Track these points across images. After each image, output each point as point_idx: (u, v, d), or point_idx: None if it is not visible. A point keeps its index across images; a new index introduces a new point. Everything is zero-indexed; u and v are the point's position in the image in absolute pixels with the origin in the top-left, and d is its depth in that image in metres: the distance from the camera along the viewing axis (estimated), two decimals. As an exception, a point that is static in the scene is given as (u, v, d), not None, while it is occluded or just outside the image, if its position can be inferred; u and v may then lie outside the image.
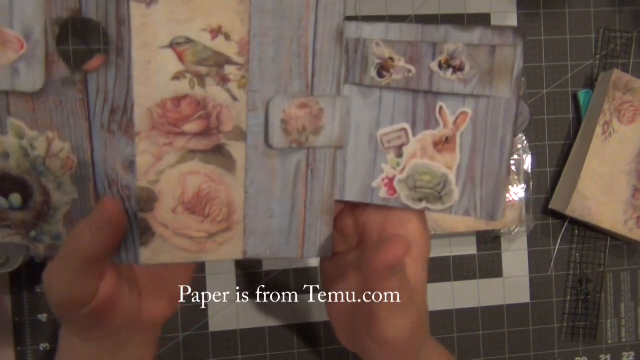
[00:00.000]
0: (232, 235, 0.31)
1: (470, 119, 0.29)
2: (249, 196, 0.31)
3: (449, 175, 0.30)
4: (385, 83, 0.29)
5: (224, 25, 0.28)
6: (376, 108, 0.30)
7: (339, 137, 0.30)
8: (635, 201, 0.59)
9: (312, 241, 0.32)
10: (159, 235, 0.30)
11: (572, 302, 0.61)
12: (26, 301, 0.53)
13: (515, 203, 0.58)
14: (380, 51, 0.29)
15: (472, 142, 0.30)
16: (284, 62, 0.29)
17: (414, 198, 0.31)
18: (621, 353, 0.62)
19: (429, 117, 0.30)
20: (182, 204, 0.30)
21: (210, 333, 0.56)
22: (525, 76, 0.59)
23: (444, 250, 0.60)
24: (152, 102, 0.29)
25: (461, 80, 0.28)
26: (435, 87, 0.29)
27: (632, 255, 0.62)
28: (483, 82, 0.28)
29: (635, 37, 0.62)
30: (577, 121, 0.61)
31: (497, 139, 0.29)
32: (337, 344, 0.33)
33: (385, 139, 0.31)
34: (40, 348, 0.53)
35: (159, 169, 0.29)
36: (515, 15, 0.60)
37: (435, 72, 0.29)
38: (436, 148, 0.30)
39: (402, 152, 0.30)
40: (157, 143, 0.29)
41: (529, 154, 0.59)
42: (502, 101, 0.28)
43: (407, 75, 0.29)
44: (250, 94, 0.30)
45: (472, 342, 0.60)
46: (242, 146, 0.30)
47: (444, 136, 0.30)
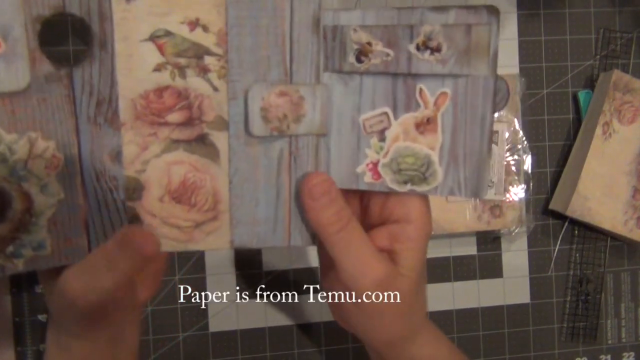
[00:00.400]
0: (219, 225, 0.32)
1: (450, 99, 0.29)
2: (234, 185, 0.31)
3: (432, 155, 0.30)
4: (364, 68, 0.30)
5: (201, 17, 0.29)
6: (357, 94, 0.31)
7: (320, 125, 0.31)
8: (635, 201, 0.59)
9: (298, 230, 0.32)
10: (147, 223, 0.31)
11: (572, 302, 0.61)
12: (26, 301, 0.53)
13: (515, 203, 0.58)
14: (358, 37, 0.29)
15: (453, 121, 0.30)
16: (262, 51, 0.30)
17: (398, 181, 0.31)
18: (621, 353, 0.62)
19: (409, 100, 0.30)
20: (168, 193, 0.31)
21: (210, 333, 0.56)
22: (525, 76, 0.59)
23: (444, 251, 0.60)
24: (136, 94, 0.29)
25: (439, 60, 0.29)
26: (414, 69, 0.29)
27: (632, 256, 0.62)
28: (461, 62, 0.28)
29: (635, 37, 0.62)
30: (577, 121, 0.61)
31: (478, 117, 0.29)
32: (337, 344, 0.33)
33: (368, 123, 0.31)
34: (40, 348, 0.53)
35: (145, 159, 0.30)
36: (515, 16, 0.60)
37: (413, 54, 0.29)
38: (418, 130, 0.30)
39: (385, 136, 0.31)
40: (142, 133, 0.30)
41: (529, 154, 0.59)
42: (480, 79, 0.29)
43: (386, 59, 0.29)
44: (230, 83, 0.30)
45: (472, 342, 0.60)
46: (224, 135, 0.31)
47: (425, 117, 0.30)
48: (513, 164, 0.58)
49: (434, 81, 0.29)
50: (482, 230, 0.58)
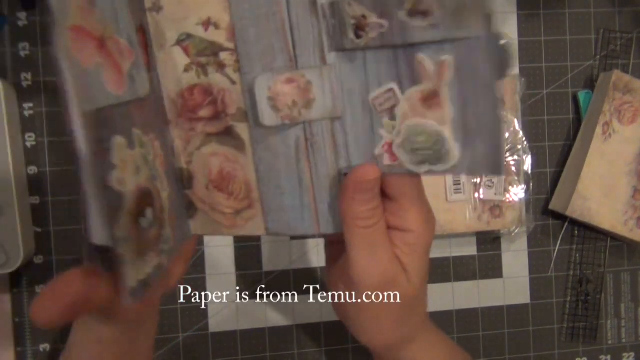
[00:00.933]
0: (255, 213, 0.33)
1: (453, 68, 0.27)
2: (260, 174, 0.32)
3: (444, 132, 0.28)
4: (364, 43, 0.29)
5: (212, 16, 0.30)
6: (362, 71, 0.30)
7: (333, 108, 0.30)
8: (635, 202, 0.59)
9: (325, 217, 0.32)
10: (200, 209, 0.33)
11: (572, 302, 0.61)
12: (26, 301, 0.53)
13: (516, 204, 0.58)
14: (353, 10, 0.28)
15: (460, 92, 0.28)
16: (265, 40, 0.30)
17: (414, 162, 0.30)
18: (621, 354, 0.62)
19: (413, 72, 0.28)
20: (210, 182, 0.33)
21: (210, 334, 0.56)
22: (525, 77, 0.60)
23: (444, 251, 0.60)
24: (174, 94, 0.32)
25: (432, 25, 0.27)
26: (410, 38, 0.28)
27: (632, 256, 0.62)
28: (454, 24, 0.27)
29: (635, 37, 0.62)
30: (577, 122, 0.61)
31: (484, 85, 0.27)
32: (337, 344, 0.33)
33: (377, 102, 0.30)
34: (40, 349, 0.53)
35: (189, 152, 0.33)
36: (515, 16, 0.60)
37: (405, 22, 0.27)
38: (425, 104, 0.28)
39: (395, 114, 0.29)
40: (183, 129, 0.32)
41: (529, 154, 0.59)
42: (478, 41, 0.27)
43: (381, 30, 0.28)
44: (243, 76, 0.31)
45: (472, 342, 0.60)
46: (246, 127, 0.32)
47: (430, 90, 0.28)
48: (513, 164, 0.58)
49: (432, 49, 0.27)
50: (482, 230, 0.58)
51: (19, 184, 0.50)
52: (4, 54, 0.53)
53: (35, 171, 0.53)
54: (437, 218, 0.56)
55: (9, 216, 0.49)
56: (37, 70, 0.53)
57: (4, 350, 0.53)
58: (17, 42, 0.53)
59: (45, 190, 0.53)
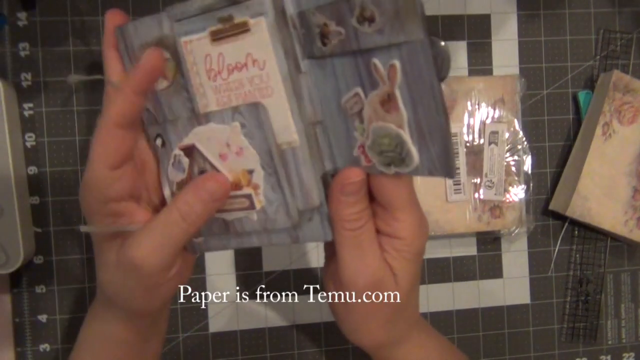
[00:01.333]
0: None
1: (401, 71, 0.28)
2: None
3: (402, 134, 0.29)
4: (329, 50, 0.29)
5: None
6: (333, 77, 0.30)
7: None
8: (635, 202, 0.59)
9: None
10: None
11: (572, 303, 0.61)
12: (26, 301, 0.53)
13: (515, 204, 0.58)
14: (317, 19, 0.29)
15: (410, 95, 0.28)
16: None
17: (382, 163, 0.30)
18: (621, 354, 0.62)
19: (371, 77, 0.29)
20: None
21: (210, 334, 0.56)
22: (525, 77, 0.60)
23: (444, 251, 0.60)
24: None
25: (377, 30, 0.27)
26: (363, 44, 0.28)
27: (632, 256, 0.62)
28: (394, 28, 0.27)
29: (635, 37, 0.62)
30: (577, 122, 0.61)
31: (427, 87, 0.28)
32: (337, 344, 0.33)
33: (348, 106, 0.30)
34: (40, 349, 0.53)
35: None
36: (515, 16, 0.60)
37: (357, 28, 0.28)
38: (384, 108, 0.29)
39: (363, 117, 0.30)
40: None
41: (528, 154, 0.59)
42: (417, 45, 0.27)
43: (340, 37, 0.29)
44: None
45: (472, 343, 0.60)
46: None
47: (386, 93, 0.29)
48: (513, 165, 0.58)
49: (383, 54, 0.28)
50: (482, 230, 0.58)
51: (19, 184, 0.50)
52: (4, 54, 0.53)
53: (35, 171, 0.53)
54: (437, 218, 0.57)
55: (9, 216, 0.49)
56: (37, 70, 0.53)
57: (4, 350, 0.53)
58: (17, 42, 0.53)
59: (45, 190, 0.53)
